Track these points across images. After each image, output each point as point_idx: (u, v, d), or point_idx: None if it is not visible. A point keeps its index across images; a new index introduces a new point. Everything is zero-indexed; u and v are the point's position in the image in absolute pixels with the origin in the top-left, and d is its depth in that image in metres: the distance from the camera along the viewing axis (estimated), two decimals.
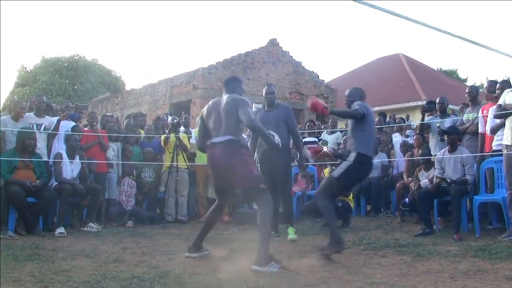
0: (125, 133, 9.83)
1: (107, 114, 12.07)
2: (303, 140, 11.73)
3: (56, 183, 7.78)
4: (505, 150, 6.35)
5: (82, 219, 8.17)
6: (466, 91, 8.31)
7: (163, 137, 9.60)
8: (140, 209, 9.31)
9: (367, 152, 5.56)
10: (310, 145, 11.24)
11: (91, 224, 7.87)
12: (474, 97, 8.15)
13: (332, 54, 79.52)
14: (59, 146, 8.29)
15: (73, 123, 8.68)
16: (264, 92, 7.49)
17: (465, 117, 8.12)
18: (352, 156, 5.47)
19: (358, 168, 5.48)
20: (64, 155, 7.97)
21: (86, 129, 9.13)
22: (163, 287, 3.86)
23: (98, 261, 5.04)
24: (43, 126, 8.07)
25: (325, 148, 6.86)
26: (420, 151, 8.50)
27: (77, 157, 8.16)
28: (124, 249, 5.99)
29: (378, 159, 10.28)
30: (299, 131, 8.99)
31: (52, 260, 5.06)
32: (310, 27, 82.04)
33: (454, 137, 7.41)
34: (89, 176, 8.49)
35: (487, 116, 7.18)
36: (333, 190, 5.59)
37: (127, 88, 31.65)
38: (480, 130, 7.48)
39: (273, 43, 21.20)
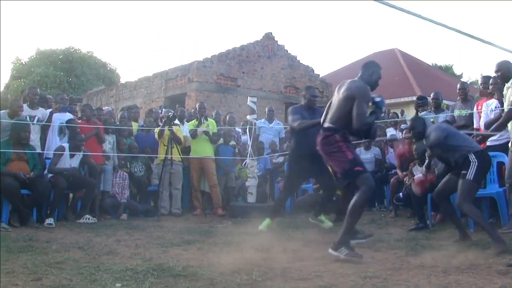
0: (119, 125, 9.80)
1: (105, 107, 12.00)
2: None
3: (51, 175, 7.77)
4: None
5: (76, 212, 8.16)
6: (459, 87, 8.30)
7: (157, 130, 9.58)
8: (135, 202, 9.30)
9: (478, 147, 5.77)
10: None
11: (87, 215, 7.88)
12: (467, 94, 8.18)
13: (327, 48, 79.62)
14: (54, 139, 8.27)
15: (69, 116, 8.66)
16: (308, 94, 7.32)
17: (456, 113, 8.11)
18: (472, 158, 5.53)
19: (484, 162, 5.61)
20: (67, 148, 7.97)
21: (80, 121, 9.08)
22: (157, 279, 3.86)
23: (92, 253, 5.03)
24: (36, 118, 8.04)
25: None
26: (414, 146, 8.49)
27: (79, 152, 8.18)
28: (118, 241, 5.99)
29: (372, 154, 10.29)
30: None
31: (46, 252, 5.05)
32: (306, 21, 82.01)
33: None
34: (83, 169, 8.47)
35: (481, 111, 7.20)
36: (474, 193, 5.66)
37: (122, 81, 31.60)
38: (475, 126, 7.50)
39: (268, 37, 21.15)
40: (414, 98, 18.17)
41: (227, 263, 4.49)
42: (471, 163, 5.50)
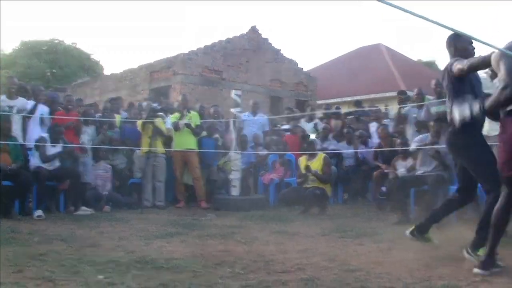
0: (102, 117, 9.77)
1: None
2: (281, 128, 11.75)
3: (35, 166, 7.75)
4: None
5: (59, 204, 8.12)
6: (434, 83, 8.29)
7: (139, 122, 9.52)
8: (117, 194, 9.24)
9: None
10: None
11: (84, 207, 7.99)
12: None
13: (312, 42, 79.64)
14: (35, 129, 8.21)
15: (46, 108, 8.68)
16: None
17: (434, 109, 8.03)
18: None
19: None
20: (48, 139, 7.95)
21: (60, 112, 9.05)
22: (140, 271, 3.85)
23: (75, 246, 5.02)
24: (15, 108, 7.97)
25: None
26: (399, 141, 8.53)
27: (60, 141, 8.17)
28: (101, 233, 5.97)
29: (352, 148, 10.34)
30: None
31: (28, 244, 5.03)
32: (291, 15, 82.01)
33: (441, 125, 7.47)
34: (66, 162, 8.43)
35: None
36: None
37: (107, 72, 31.39)
38: None
39: (254, 30, 21.13)
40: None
41: (210, 256, 4.50)
42: None
